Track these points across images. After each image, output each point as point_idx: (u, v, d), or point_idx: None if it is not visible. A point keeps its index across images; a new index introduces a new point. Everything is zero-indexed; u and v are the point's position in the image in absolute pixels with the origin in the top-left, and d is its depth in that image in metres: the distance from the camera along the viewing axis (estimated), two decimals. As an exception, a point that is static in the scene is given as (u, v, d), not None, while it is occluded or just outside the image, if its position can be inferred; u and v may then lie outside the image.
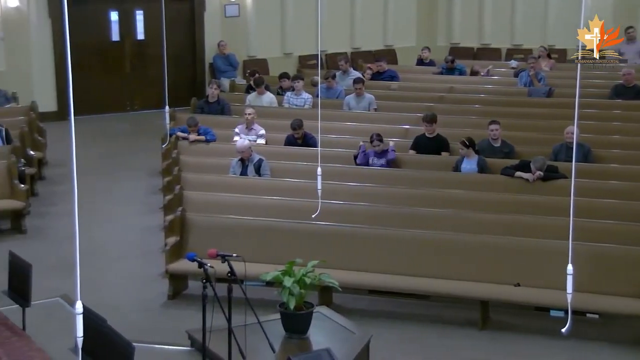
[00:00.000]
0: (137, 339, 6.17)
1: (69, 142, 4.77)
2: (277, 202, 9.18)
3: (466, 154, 10.01)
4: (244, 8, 17.75)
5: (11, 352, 5.51)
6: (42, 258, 8.94)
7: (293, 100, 13.31)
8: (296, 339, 6.81)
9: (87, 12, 16.15)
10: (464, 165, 10.04)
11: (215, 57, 17.09)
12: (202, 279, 6.01)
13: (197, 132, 11.41)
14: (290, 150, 11.01)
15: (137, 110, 17.05)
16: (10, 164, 10.42)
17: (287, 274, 6.81)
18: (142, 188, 12.13)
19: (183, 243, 8.50)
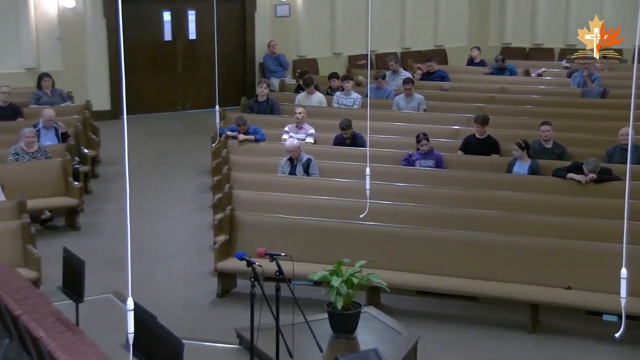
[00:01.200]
0: (186, 336, 6.24)
1: (121, 140, 4.84)
2: (325, 202, 9.20)
3: (520, 156, 9.89)
4: (294, 8, 17.82)
5: (65, 347, 5.61)
6: (95, 254, 9.09)
7: (342, 100, 13.31)
8: (344, 339, 6.81)
9: (141, 12, 16.39)
10: (515, 169, 9.92)
11: (265, 57, 17.18)
12: (251, 278, 6.05)
13: (247, 131, 11.48)
14: (338, 150, 11.01)
15: (188, 110, 17.23)
16: (65, 162, 10.62)
17: (335, 274, 6.82)
18: (192, 186, 12.26)
19: (232, 242, 8.57)
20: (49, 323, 6.27)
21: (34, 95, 13.41)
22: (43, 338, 5.15)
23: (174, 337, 5.37)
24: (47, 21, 15.39)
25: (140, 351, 5.57)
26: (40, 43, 15.35)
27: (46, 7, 15.37)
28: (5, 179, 9.63)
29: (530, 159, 9.91)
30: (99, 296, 8.13)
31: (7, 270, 7.49)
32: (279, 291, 6.10)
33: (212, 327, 7.75)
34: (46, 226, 10.48)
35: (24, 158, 10.61)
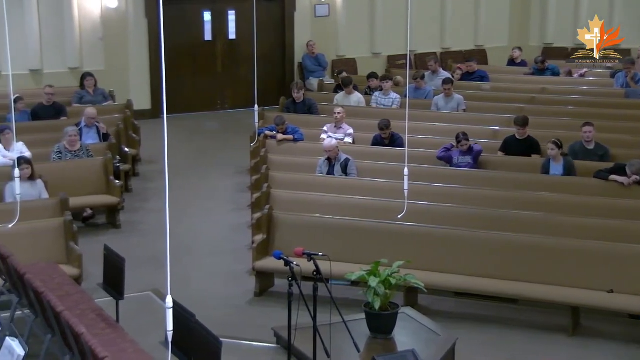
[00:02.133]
0: (224, 334, 6.28)
1: (161, 139, 4.88)
2: (363, 202, 9.19)
3: (555, 155, 9.78)
4: (333, 8, 17.82)
5: (105, 343, 5.68)
6: (135, 252, 9.19)
7: (381, 100, 13.29)
8: (381, 339, 6.81)
9: (182, 13, 16.52)
10: (551, 170, 9.82)
11: (304, 56, 17.21)
12: (288, 277, 6.07)
13: (285, 131, 11.52)
14: (377, 150, 11.00)
15: (228, 109, 17.32)
16: (106, 160, 10.75)
17: (373, 274, 6.81)
18: (231, 186, 12.33)
19: (270, 241, 8.60)
20: (90, 320, 6.36)
21: (76, 94, 13.59)
22: (84, 334, 5.22)
23: (213, 335, 5.41)
24: (90, 21, 15.59)
25: (179, 349, 5.63)
26: (83, 43, 15.56)
27: (90, 7, 15.57)
28: (48, 177, 9.77)
29: (563, 158, 9.79)
30: (139, 294, 8.21)
31: (50, 267, 7.62)
32: (316, 291, 6.10)
33: (249, 326, 7.79)
34: (88, 224, 10.63)
35: (67, 156, 10.77)
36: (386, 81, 13.44)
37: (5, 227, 8.00)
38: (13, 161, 9.40)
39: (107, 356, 4.91)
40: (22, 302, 7.09)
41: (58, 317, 5.74)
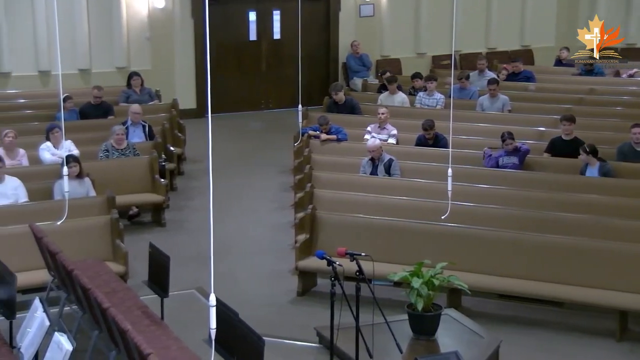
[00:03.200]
0: (267, 333, 6.31)
1: (206, 138, 4.93)
2: (406, 202, 9.15)
3: (587, 160, 9.64)
4: (378, 8, 17.78)
5: (150, 340, 5.75)
6: (180, 250, 9.28)
7: (425, 101, 13.23)
8: (424, 341, 6.78)
9: (227, 12, 16.64)
10: (587, 174, 9.68)
11: (348, 56, 17.20)
12: (331, 277, 6.08)
13: (329, 130, 11.53)
14: (420, 150, 10.95)
15: (272, 109, 17.40)
16: (152, 159, 10.88)
17: (416, 275, 6.79)
18: (274, 185, 12.38)
19: (313, 241, 8.62)
20: (135, 316, 6.45)
21: (123, 93, 13.77)
22: (130, 331, 5.29)
23: (255, 334, 5.44)
24: (138, 21, 15.79)
25: (222, 347, 5.66)
26: (131, 43, 15.76)
27: (138, 7, 15.77)
28: (95, 175, 9.91)
29: (599, 162, 9.63)
30: (183, 291, 8.29)
31: (97, 264, 7.74)
32: (359, 291, 6.11)
33: (292, 325, 7.81)
34: (133, 222, 10.75)
35: (114, 155, 10.92)
36: (430, 81, 13.37)
37: (54, 224, 8.14)
38: (62, 159, 9.57)
39: (152, 353, 4.96)
40: (70, 298, 7.20)
41: (104, 314, 5.83)
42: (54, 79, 14.46)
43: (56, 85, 9.71)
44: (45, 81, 15.02)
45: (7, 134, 10.26)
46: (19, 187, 9.25)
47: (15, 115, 12.76)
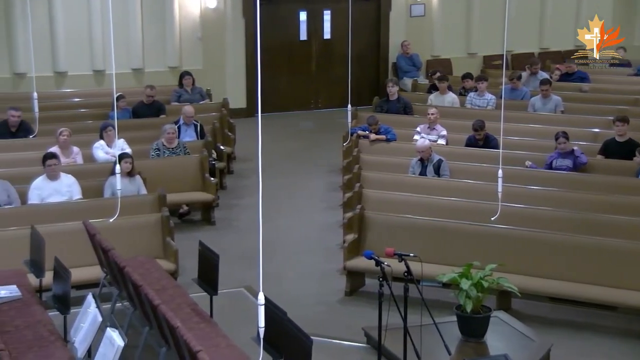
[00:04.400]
0: (315, 332, 6.33)
1: (256, 138, 4.96)
2: (455, 203, 9.09)
3: None
4: (429, 8, 17.69)
5: (200, 337, 5.82)
6: (229, 249, 9.36)
7: (476, 101, 13.11)
8: (472, 343, 6.73)
9: (278, 12, 16.72)
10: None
11: (398, 56, 17.15)
12: (379, 277, 6.07)
13: (378, 130, 11.51)
14: (470, 151, 10.86)
15: (321, 109, 17.44)
16: (202, 158, 10.99)
17: (465, 276, 6.74)
18: (323, 185, 12.40)
19: (361, 240, 8.61)
20: (185, 314, 6.52)
21: (175, 93, 13.94)
22: (179, 328, 5.35)
23: (304, 333, 5.46)
24: (190, 21, 15.96)
25: (271, 345, 5.70)
26: (183, 42, 15.94)
27: (190, 7, 15.94)
28: (147, 174, 10.04)
29: None
30: (232, 290, 8.35)
31: (148, 261, 7.85)
32: (407, 291, 6.08)
33: (340, 325, 7.81)
34: (183, 220, 10.87)
35: (165, 154, 11.06)
36: (481, 82, 13.25)
37: (106, 221, 8.28)
38: (114, 157, 9.72)
39: (201, 350, 5.01)
40: (121, 294, 7.32)
41: (155, 311, 5.90)
42: (108, 78, 14.71)
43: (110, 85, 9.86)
44: (100, 80, 15.29)
45: (62, 133, 10.46)
46: (73, 185, 9.42)
47: (70, 114, 13.01)
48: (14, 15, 14.44)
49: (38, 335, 6.14)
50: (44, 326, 6.29)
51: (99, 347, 5.24)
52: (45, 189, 9.24)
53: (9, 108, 11.49)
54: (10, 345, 5.74)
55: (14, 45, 14.58)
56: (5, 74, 14.66)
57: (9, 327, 6.26)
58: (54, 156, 9.46)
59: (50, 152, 9.64)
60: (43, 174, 9.32)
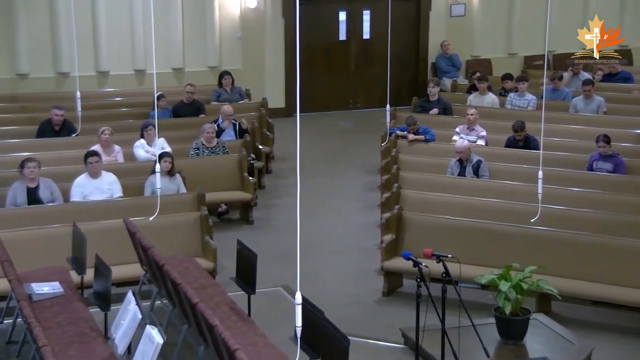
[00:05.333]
0: (352, 332, 6.33)
1: (294, 137, 4.97)
2: (494, 204, 9.02)
3: None
4: (470, 7, 17.56)
5: (237, 336, 5.85)
6: (267, 248, 9.38)
7: (516, 102, 13.00)
8: (511, 345, 6.67)
9: (318, 12, 16.74)
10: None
11: (438, 56, 17.06)
12: (417, 278, 6.05)
13: (417, 131, 11.47)
14: (510, 152, 10.77)
15: (360, 109, 17.41)
16: (241, 157, 11.05)
17: (504, 278, 6.69)
18: (361, 185, 12.39)
19: (399, 241, 8.59)
20: (223, 312, 6.57)
21: (214, 92, 14.04)
22: (218, 326, 5.39)
23: (341, 333, 5.46)
24: (230, 21, 16.05)
25: (308, 345, 5.71)
26: (223, 42, 16.04)
27: (230, 7, 16.04)
28: (186, 173, 10.12)
29: None
30: (269, 289, 8.39)
31: (187, 260, 7.91)
32: (445, 293, 6.06)
33: (377, 325, 7.80)
34: (222, 219, 10.93)
35: (204, 153, 11.14)
36: (522, 82, 13.13)
37: (146, 219, 8.37)
38: (155, 156, 9.82)
39: (239, 348, 5.04)
40: (161, 292, 7.39)
41: (194, 309, 5.95)
42: (149, 77, 14.86)
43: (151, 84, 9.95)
44: (141, 80, 15.45)
45: (104, 132, 10.59)
46: (114, 183, 9.54)
47: (112, 113, 13.18)
48: (58, 16, 14.66)
49: (80, 331, 6.22)
50: (85, 322, 6.38)
51: (139, 344, 5.30)
52: (87, 186, 9.36)
53: (53, 107, 11.67)
54: (53, 340, 5.83)
55: (58, 46, 14.80)
56: (49, 74, 14.90)
57: (51, 323, 6.37)
58: (96, 154, 9.59)
59: (91, 150, 9.77)
60: (85, 172, 9.45)
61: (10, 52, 14.62)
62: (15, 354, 6.97)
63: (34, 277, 7.26)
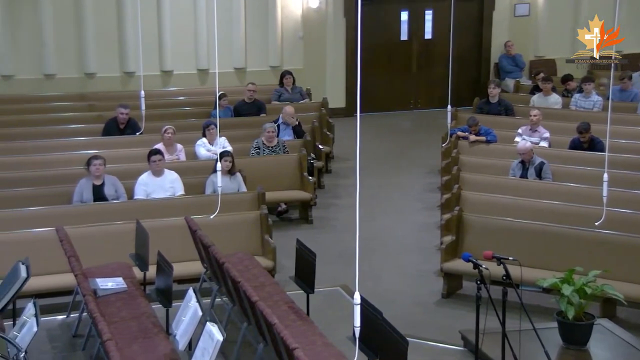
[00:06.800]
0: (411, 334, 6.30)
1: (354, 137, 4.97)
2: (557, 207, 8.86)
3: None
4: (534, 7, 17.30)
5: (296, 335, 5.86)
6: (326, 248, 9.41)
7: (581, 103, 12.76)
8: (574, 350, 6.56)
9: (380, 12, 16.71)
10: None
11: (501, 57, 16.85)
12: (477, 280, 5.99)
13: (478, 132, 11.35)
14: (574, 154, 10.58)
15: (420, 109, 17.33)
16: (301, 157, 11.09)
17: (566, 282, 6.58)
18: (421, 185, 12.32)
19: (459, 242, 8.51)
20: (282, 311, 6.59)
21: (275, 92, 14.12)
22: (277, 325, 5.42)
23: (399, 334, 5.44)
24: (292, 21, 16.14)
25: (366, 345, 5.70)
26: (284, 42, 16.14)
27: (292, 7, 16.13)
28: (247, 172, 10.20)
29: None
30: (328, 288, 8.39)
31: (247, 258, 7.97)
32: (505, 295, 5.98)
33: (436, 326, 7.75)
34: (282, 218, 10.99)
35: (264, 152, 11.22)
36: (587, 83, 12.87)
37: (207, 217, 8.47)
38: (216, 155, 9.93)
39: (298, 347, 5.06)
40: (221, 289, 7.47)
41: (253, 307, 6.00)
42: (211, 77, 15.05)
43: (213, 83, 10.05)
44: (203, 79, 15.65)
45: (167, 130, 10.75)
46: (176, 181, 9.67)
47: (174, 112, 13.38)
48: (125, 17, 14.96)
49: (143, 326, 6.33)
50: (147, 318, 6.49)
51: (199, 341, 5.36)
52: (150, 184, 9.52)
53: (119, 106, 11.90)
54: (117, 335, 5.94)
55: (124, 46, 15.09)
56: (115, 73, 15.21)
57: (115, 318, 6.49)
58: (159, 152, 9.74)
59: (155, 149, 9.92)
60: (148, 170, 9.61)
61: (79, 52, 14.98)
62: (81, 347, 7.13)
63: (99, 272, 7.41)
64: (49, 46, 14.75)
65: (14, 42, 14.58)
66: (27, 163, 10.46)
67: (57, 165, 10.37)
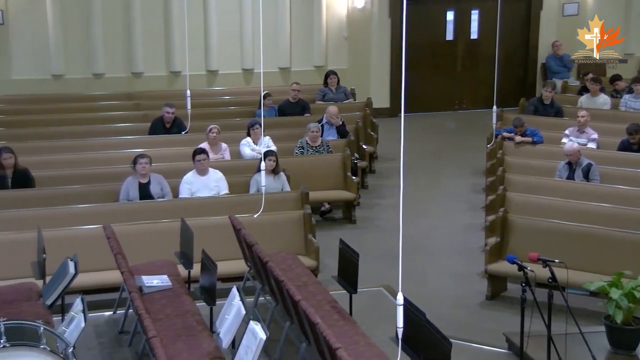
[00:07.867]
0: (454, 335, 6.26)
1: (399, 138, 4.96)
2: (605, 209, 8.73)
3: None
4: (583, 6, 17.05)
5: (339, 335, 5.86)
6: (369, 248, 9.39)
7: (631, 104, 12.54)
8: (622, 356, 6.45)
9: (425, 12, 16.63)
10: None
11: (548, 57, 16.64)
12: (522, 282, 5.93)
13: (524, 133, 11.23)
14: (623, 155, 10.41)
15: (466, 109, 17.20)
16: (345, 157, 11.09)
17: (614, 286, 6.47)
18: (466, 186, 12.23)
19: (503, 244, 8.43)
20: (325, 311, 6.60)
21: (320, 92, 14.14)
22: (319, 324, 5.43)
23: (443, 335, 5.41)
24: (336, 21, 16.15)
25: (409, 346, 5.68)
26: (329, 42, 16.16)
27: (337, 7, 16.14)
28: (291, 171, 10.24)
29: None
30: (371, 289, 8.38)
31: (291, 257, 8.00)
32: (551, 298, 5.91)
33: (480, 329, 7.69)
34: (325, 218, 11.01)
35: (308, 152, 11.24)
36: (638, 83, 12.65)
37: (251, 216, 8.52)
38: (260, 154, 9.97)
39: (340, 347, 5.06)
40: (264, 288, 7.51)
41: (296, 306, 6.01)
42: (256, 76, 15.12)
43: (258, 83, 10.10)
44: (248, 79, 15.74)
45: (212, 130, 10.83)
46: (221, 180, 9.74)
47: (220, 112, 13.48)
48: (171, 18, 15.12)
49: (187, 324, 6.39)
50: (192, 316, 6.55)
51: (243, 339, 5.39)
52: (195, 183, 9.61)
53: (165, 105, 12.03)
54: (162, 332, 6.01)
55: (171, 45, 15.25)
56: (162, 72, 15.38)
57: (160, 315, 6.56)
58: (203, 152, 9.82)
59: (199, 148, 10.00)
60: (193, 169, 9.70)
61: (127, 52, 15.18)
62: (127, 343, 7.23)
63: (144, 270, 7.50)
64: (98, 46, 14.97)
65: (65, 43, 14.84)
66: (75, 161, 10.62)
67: (104, 164, 10.53)
